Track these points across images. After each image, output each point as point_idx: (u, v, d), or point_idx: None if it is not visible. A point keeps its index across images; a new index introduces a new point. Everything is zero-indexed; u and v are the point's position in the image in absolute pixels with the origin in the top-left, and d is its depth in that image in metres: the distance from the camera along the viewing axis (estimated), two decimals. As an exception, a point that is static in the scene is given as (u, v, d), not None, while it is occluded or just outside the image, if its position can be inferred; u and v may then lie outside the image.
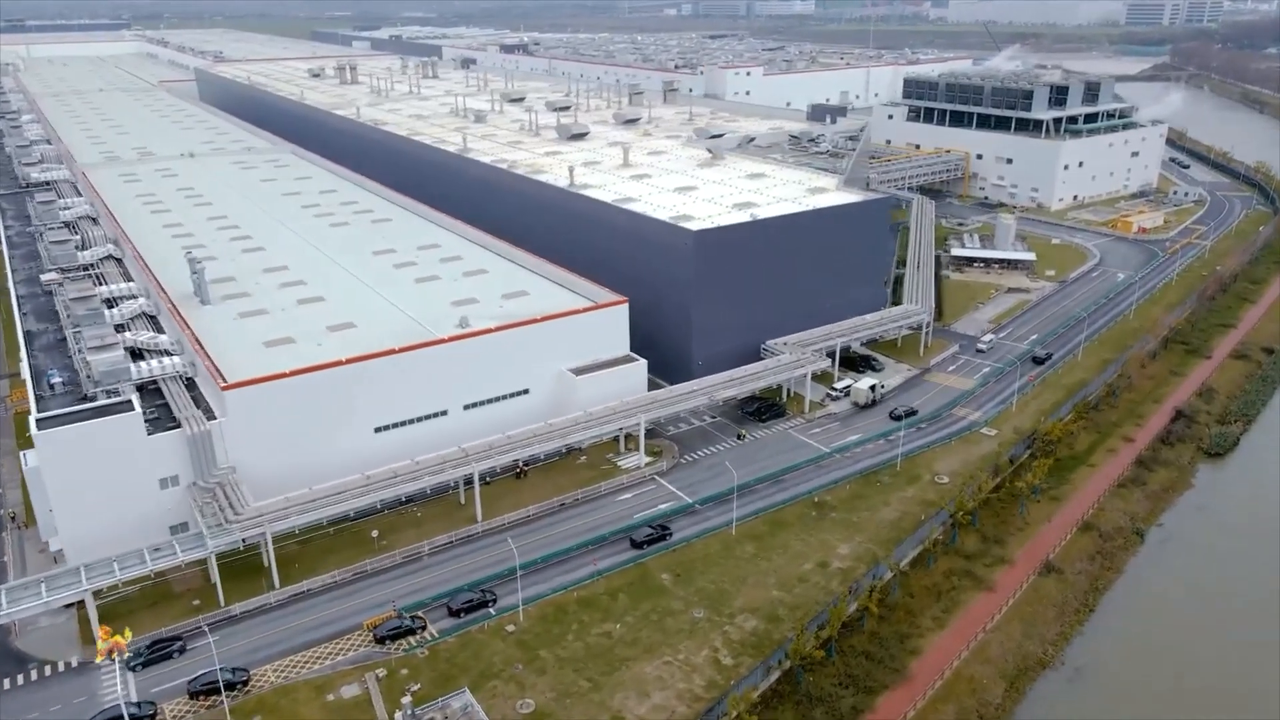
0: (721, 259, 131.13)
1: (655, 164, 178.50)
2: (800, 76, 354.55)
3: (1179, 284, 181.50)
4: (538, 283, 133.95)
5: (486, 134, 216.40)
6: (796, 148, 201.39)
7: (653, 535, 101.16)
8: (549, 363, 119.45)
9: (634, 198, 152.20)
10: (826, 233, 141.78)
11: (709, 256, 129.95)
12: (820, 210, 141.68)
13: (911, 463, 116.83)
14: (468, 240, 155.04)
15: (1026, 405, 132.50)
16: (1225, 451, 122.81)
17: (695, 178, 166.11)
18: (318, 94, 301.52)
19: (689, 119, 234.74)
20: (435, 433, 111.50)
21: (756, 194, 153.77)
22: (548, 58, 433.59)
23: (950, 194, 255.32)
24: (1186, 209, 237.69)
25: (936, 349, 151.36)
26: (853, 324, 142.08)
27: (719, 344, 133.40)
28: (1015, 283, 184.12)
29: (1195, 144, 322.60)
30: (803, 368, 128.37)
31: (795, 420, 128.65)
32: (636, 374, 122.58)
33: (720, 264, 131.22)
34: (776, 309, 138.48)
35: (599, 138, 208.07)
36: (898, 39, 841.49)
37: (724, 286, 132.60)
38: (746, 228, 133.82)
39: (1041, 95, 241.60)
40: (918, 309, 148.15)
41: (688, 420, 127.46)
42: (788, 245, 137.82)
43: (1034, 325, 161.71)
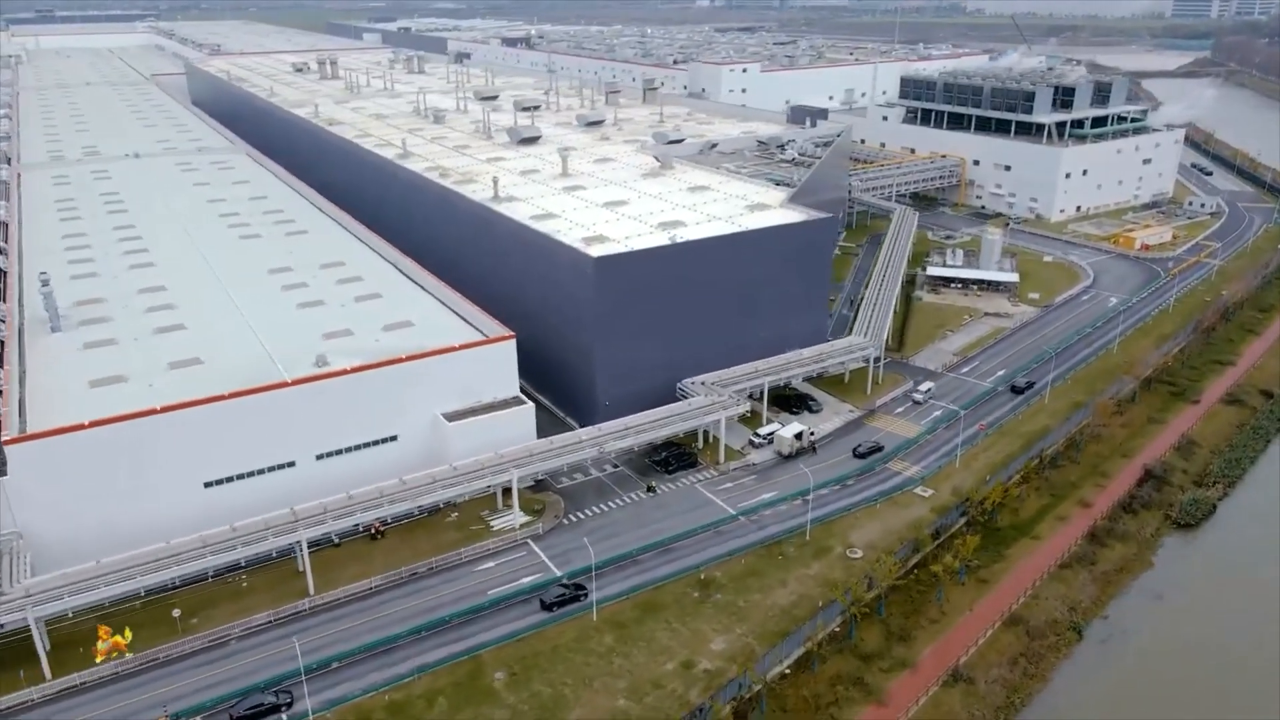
0: (631, 288, 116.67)
1: (596, 173, 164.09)
2: (801, 73, 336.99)
3: (1177, 311, 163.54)
4: (430, 311, 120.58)
5: (438, 136, 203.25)
6: (763, 154, 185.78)
7: (564, 596, 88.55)
8: (421, 406, 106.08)
9: (554, 213, 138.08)
10: (759, 257, 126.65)
11: (614, 285, 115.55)
12: (751, 232, 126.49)
13: (825, 530, 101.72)
14: (378, 257, 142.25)
15: (975, 458, 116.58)
16: (1197, 522, 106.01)
17: (632, 190, 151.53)
18: (291, 90, 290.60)
19: (661, 120, 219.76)
20: (280, 486, 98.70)
21: (692, 210, 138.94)
22: (548, 52, 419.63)
23: (946, 203, 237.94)
24: (1201, 222, 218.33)
25: (889, 385, 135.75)
26: (785, 360, 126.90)
27: (630, 383, 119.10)
28: (994, 306, 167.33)
29: (1223, 147, 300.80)
30: (715, 413, 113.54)
31: (707, 472, 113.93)
32: (522, 420, 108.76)
33: (630, 293, 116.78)
34: (700, 343, 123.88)
35: (552, 141, 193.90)
36: (929, 32, 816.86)
37: (635, 318, 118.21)
38: (661, 253, 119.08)
39: (1044, 97, 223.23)
40: (864, 342, 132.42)
41: (585, 470, 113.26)
42: (713, 271, 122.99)
43: (1005, 358, 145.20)
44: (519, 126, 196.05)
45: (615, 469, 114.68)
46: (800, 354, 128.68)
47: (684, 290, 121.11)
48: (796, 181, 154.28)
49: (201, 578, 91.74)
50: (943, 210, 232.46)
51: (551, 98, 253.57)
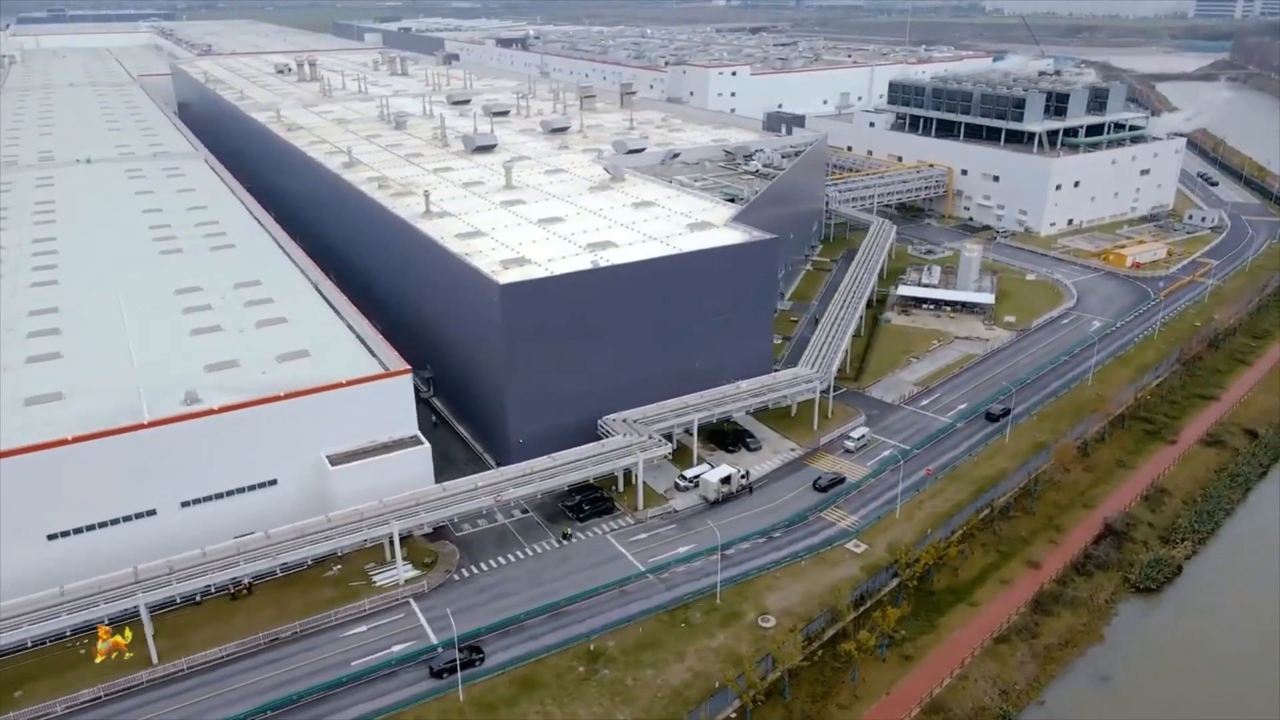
0: (546, 316, 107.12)
1: (543, 186, 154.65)
2: (794, 76, 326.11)
3: (1163, 336, 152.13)
4: (334, 339, 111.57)
5: (393, 144, 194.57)
6: (727, 165, 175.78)
7: (458, 661, 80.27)
8: (305, 448, 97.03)
9: (482, 231, 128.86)
10: (694, 281, 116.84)
11: (526, 314, 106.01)
12: (683, 255, 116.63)
13: (739, 592, 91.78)
14: (301, 277, 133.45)
15: (920, 507, 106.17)
16: (1159, 586, 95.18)
17: (573, 205, 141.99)
18: (263, 93, 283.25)
19: (631, 127, 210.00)
20: (138, 537, 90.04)
21: (630, 228, 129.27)
22: (541, 53, 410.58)
23: (933, 214, 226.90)
24: (1200, 237, 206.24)
25: (839, 419, 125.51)
26: (721, 394, 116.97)
27: (547, 418, 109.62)
28: (967, 330, 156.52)
29: (1234, 155, 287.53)
30: (632, 455, 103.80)
31: (625, 519, 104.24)
32: (416, 463, 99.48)
33: (544, 322, 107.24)
34: (629, 375, 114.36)
35: (509, 150, 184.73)
36: (944, 32, 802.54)
37: (552, 349, 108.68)
38: (581, 278, 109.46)
39: (1035, 103, 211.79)
40: (809, 374, 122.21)
41: (490, 516, 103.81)
42: (642, 297, 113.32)
43: (969, 390, 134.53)
44: (474, 134, 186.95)
45: (525, 514, 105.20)
46: (739, 387, 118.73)
47: (609, 318, 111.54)
48: (748, 197, 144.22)
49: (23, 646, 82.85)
50: (928, 222, 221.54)
51: (527, 102, 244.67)
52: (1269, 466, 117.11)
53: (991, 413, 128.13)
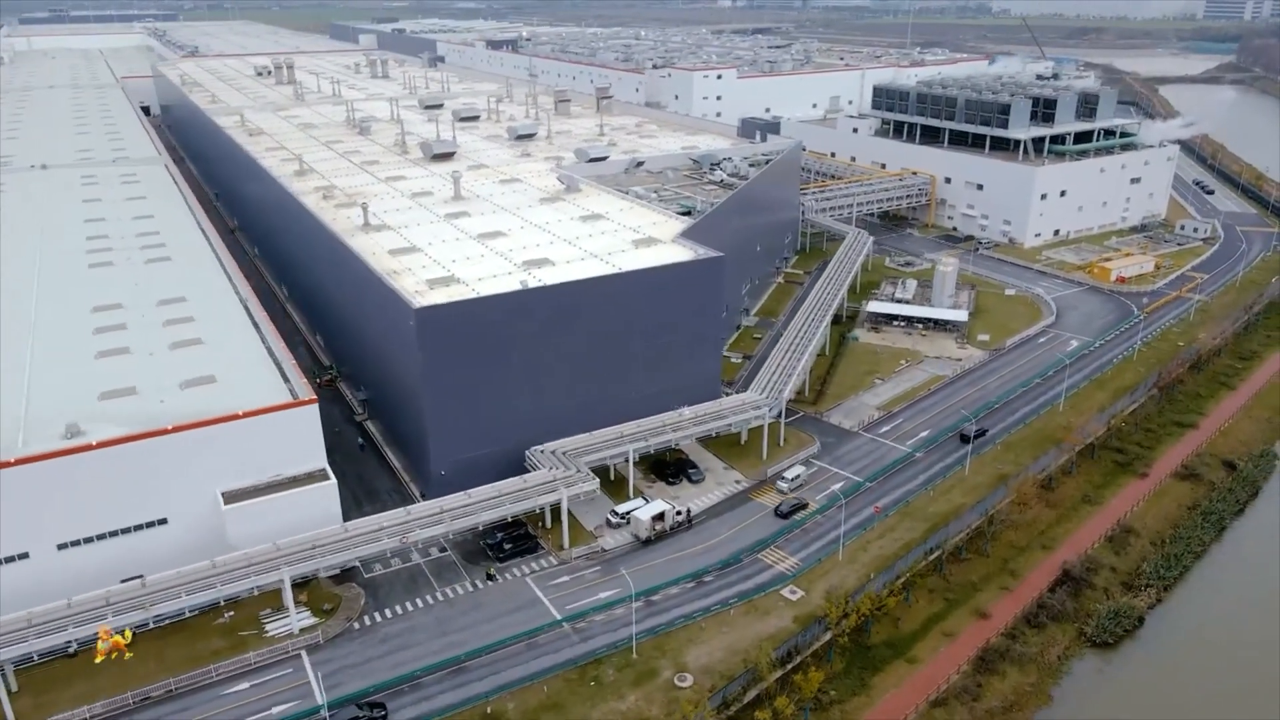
0: (469, 340, 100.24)
1: (493, 197, 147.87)
2: (783, 80, 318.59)
3: (1143, 358, 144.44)
4: (248, 363, 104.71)
5: (351, 150, 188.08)
6: (692, 174, 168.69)
7: None
8: (200, 484, 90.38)
9: (416, 247, 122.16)
10: (633, 301, 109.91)
11: (445, 338, 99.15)
12: (621, 275, 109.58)
13: (659, 645, 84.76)
14: (232, 293, 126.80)
15: (866, 547, 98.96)
16: (1117, 640, 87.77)
17: (519, 218, 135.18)
18: (236, 95, 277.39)
19: (601, 133, 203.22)
20: (8, 582, 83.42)
21: (572, 244, 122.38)
22: (530, 55, 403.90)
23: (916, 223, 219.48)
24: (1191, 249, 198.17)
25: (793, 447, 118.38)
26: (660, 423, 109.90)
27: (472, 449, 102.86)
28: (939, 349, 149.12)
29: (1234, 161, 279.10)
30: (556, 491, 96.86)
31: (549, 559, 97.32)
32: (322, 499, 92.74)
33: (468, 346, 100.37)
34: (563, 401, 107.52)
35: (468, 157, 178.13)
36: (949, 33, 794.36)
37: (478, 374, 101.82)
38: (507, 300, 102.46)
39: (1021, 109, 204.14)
40: (757, 400, 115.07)
41: (405, 555, 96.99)
42: (576, 319, 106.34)
43: (933, 415, 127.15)
44: (433, 141, 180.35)
45: (443, 552, 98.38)
46: (681, 414, 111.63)
47: (539, 342, 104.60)
48: (703, 210, 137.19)
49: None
50: (910, 232, 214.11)
51: (502, 106, 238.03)
52: (1246, 503, 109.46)
53: (965, 434, 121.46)
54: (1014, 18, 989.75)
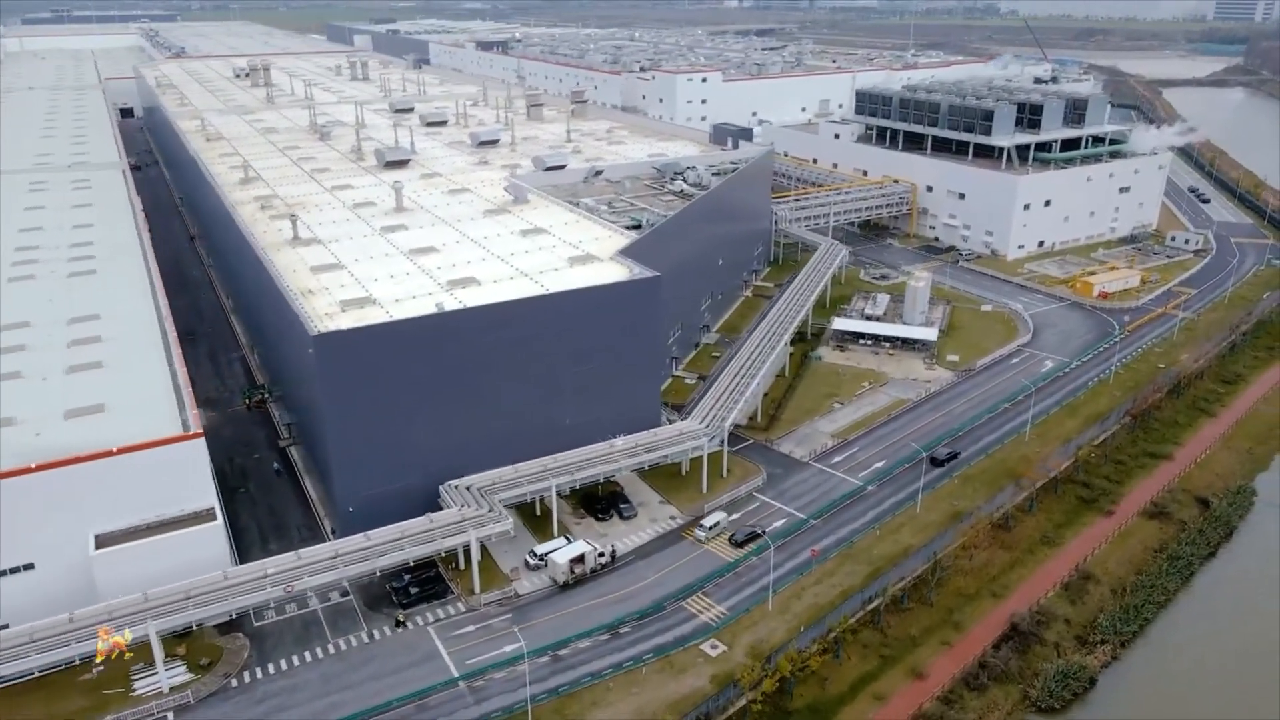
0: (377, 368, 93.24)
1: (437, 208, 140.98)
2: (771, 83, 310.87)
3: (1120, 381, 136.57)
4: (146, 392, 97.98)
5: (305, 157, 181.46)
6: (654, 184, 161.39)
7: None
8: (71, 525, 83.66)
9: (340, 264, 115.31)
10: (562, 325, 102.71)
11: (350, 366, 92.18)
12: (546, 297, 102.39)
13: (559, 709, 77.57)
14: (150, 312, 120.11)
15: (800, 594, 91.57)
16: (1065, 704, 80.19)
17: (458, 232, 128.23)
18: (207, 98, 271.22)
19: (569, 139, 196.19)
20: None
21: (505, 261, 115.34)
22: (518, 57, 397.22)
23: (897, 233, 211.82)
24: (1181, 261, 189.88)
25: (736, 478, 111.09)
26: (588, 454, 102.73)
27: (383, 483, 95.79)
28: (905, 370, 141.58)
29: (1234, 167, 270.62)
30: (464, 533, 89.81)
31: (458, 605, 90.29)
32: (207, 542, 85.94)
33: (377, 375, 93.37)
34: (484, 433, 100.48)
35: (423, 165, 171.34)
36: (955, 34, 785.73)
37: (388, 405, 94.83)
38: (419, 325, 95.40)
39: (1004, 116, 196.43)
40: (696, 430, 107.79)
41: (303, 600, 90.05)
42: (498, 344, 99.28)
43: (891, 444, 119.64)
44: (386, 148, 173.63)
45: (344, 597, 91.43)
46: (612, 445, 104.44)
47: (457, 368, 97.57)
48: (650, 224, 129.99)
49: None
50: (890, 242, 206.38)
51: (477, 110, 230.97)
52: (1218, 545, 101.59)
53: (936, 457, 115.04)
54: (1020, 19, 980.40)
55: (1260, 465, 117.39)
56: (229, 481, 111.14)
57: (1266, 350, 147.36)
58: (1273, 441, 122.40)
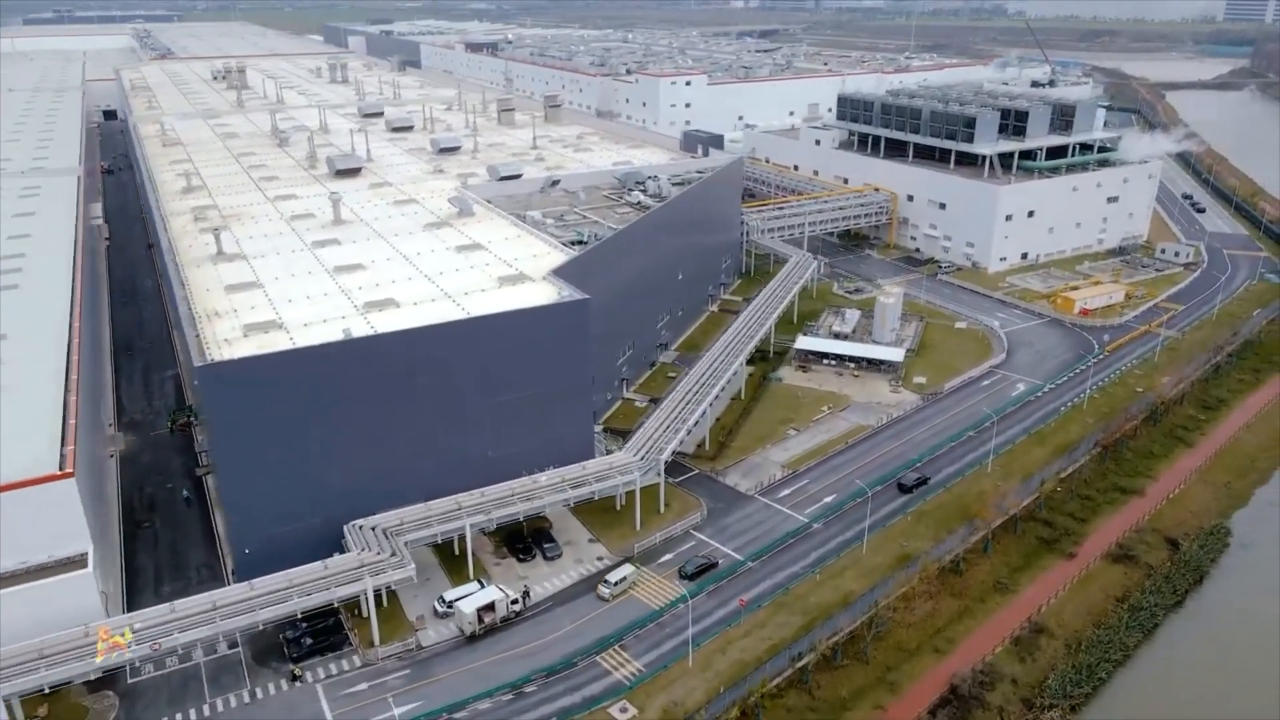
0: (273, 400, 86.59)
1: (375, 222, 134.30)
2: (757, 86, 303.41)
3: (1095, 406, 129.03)
4: (29, 424, 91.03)
5: (258, 164, 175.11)
6: (612, 195, 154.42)
7: None
8: (-73, 572, 77.21)
9: (258, 283, 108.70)
10: (482, 351, 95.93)
11: (242, 398, 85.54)
12: (466, 322, 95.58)
13: (444, 783, 70.71)
14: (62, 333, 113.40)
15: (724, 650, 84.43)
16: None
17: (390, 248, 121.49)
18: (180, 100, 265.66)
19: (534, 145, 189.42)
20: None
21: (434, 280, 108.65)
22: (506, 59, 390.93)
23: (877, 243, 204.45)
24: (1170, 275, 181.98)
25: (675, 513, 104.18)
26: (507, 490, 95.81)
27: (284, 522, 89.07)
28: (869, 392, 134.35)
29: (1233, 174, 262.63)
30: (360, 581, 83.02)
31: (355, 657, 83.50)
32: (76, 592, 79.23)
33: (272, 407, 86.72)
34: (396, 468, 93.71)
35: (376, 173, 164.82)
36: (960, 36, 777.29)
37: (286, 439, 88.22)
38: (315, 354, 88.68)
39: (987, 122, 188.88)
40: (627, 463, 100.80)
41: (188, 651, 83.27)
42: (412, 372, 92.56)
43: (846, 475, 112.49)
44: (338, 156, 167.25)
45: (233, 648, 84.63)
46: (536, 480, 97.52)
47: (367, 399, 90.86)
48: (598, 238, 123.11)
49: None
50: (868, 253, 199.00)
51: (450, 114, 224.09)
52: (1186, 592, 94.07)
53: (904, 483, 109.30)
54: (1023, 20, 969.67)
55: (1238, 501, 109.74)
56: (135, 514, 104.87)
57: (1253, 373, 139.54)
58: (1253, 475, 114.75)
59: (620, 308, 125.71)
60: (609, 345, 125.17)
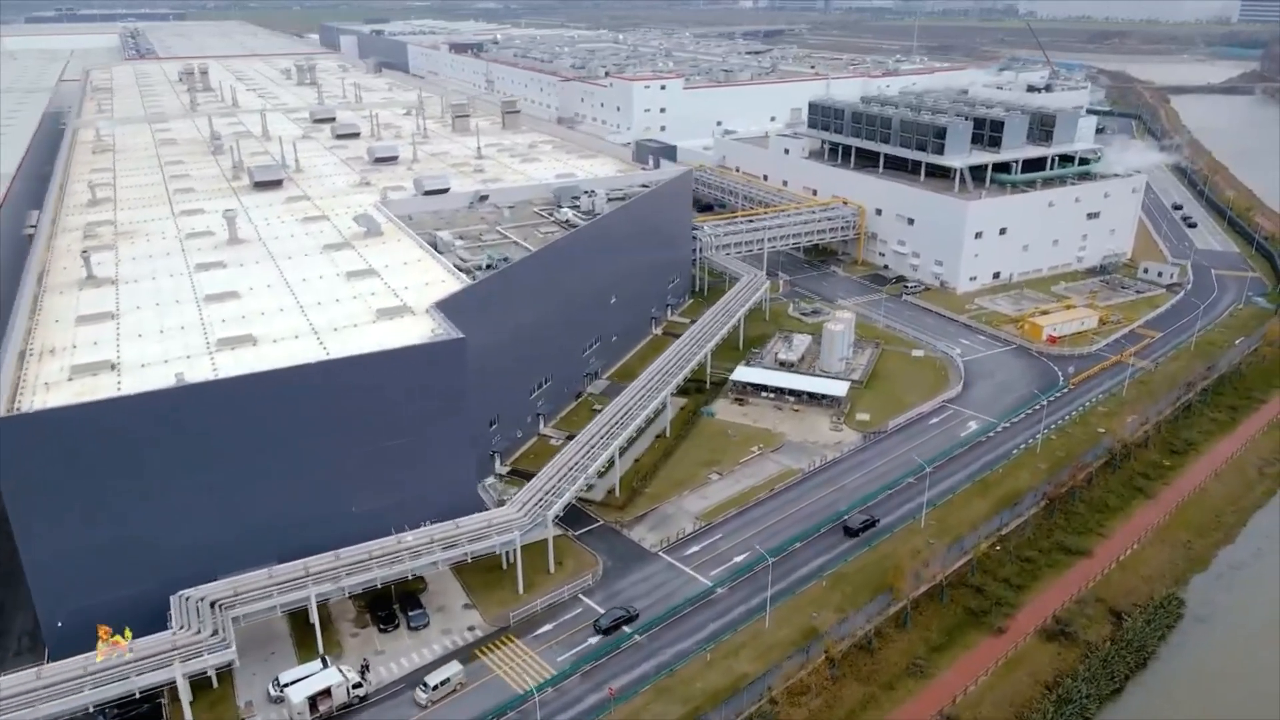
0: (85, 455, 76.75)
1: (274, 241, 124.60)
2: (736, 90, 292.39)
3: (1050, 449, 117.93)
4: None
5: (179, 174, 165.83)
6: (545, 211, 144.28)
7: None
8: None
9: (115, 314, 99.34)
10: (344, 397, 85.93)
11: (45, 454, 75.69)
12: (317, 366, 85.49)
13: None
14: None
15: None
16: None
17: (276, 273, 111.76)
18: (135, 104, 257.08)
19: (479, 155, 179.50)
20: None
21: (306, 313, 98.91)
22: (488, 60, 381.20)
23: (845, 258, 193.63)
24: (1152, 297, 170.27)
25: (569, 573, 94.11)
26: (364, 552, 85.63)
27: (103, 592, 79.25)
28: (806, 430, 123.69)
29: (1233, 184, 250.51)
30: (169, 668, 73.03)
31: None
32: None
33: (85, 463, 76.91)
34: (244, 527, 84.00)
35: (298, 185, 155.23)
36: (967, 37, 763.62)
37: (106, 497, 78.52)
38: (138, 404, 78.76)
39: (958, 133, 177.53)
40: (508, 519, 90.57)
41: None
42: (258, 420, 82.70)
43: (762, 529, 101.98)
44: (259, 167, 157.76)
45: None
46: (400, 540, 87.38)
47: (204, 453, 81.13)
48: (497, 265, 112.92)
49: None
50: (833, 270, 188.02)
51: (408, 120, 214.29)
52: (1126, 679, 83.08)
53: (850, 526, 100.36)
54: (1027, 21, 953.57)
55: (1197, 565, 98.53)
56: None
57: (1228, 411, 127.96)
58: (1217, 532, 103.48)
59: (532, 337, 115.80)
60: (518, 378, 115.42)
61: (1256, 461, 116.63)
